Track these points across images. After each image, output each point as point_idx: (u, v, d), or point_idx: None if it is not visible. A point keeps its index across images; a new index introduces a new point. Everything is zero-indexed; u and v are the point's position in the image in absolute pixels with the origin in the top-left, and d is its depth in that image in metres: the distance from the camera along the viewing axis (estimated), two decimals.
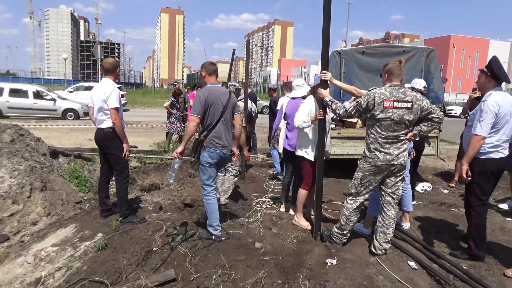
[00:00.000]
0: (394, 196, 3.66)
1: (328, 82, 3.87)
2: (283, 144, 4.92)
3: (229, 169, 4.98)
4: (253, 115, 7.82)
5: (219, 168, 4.01)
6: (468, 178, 3.62)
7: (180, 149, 3.75)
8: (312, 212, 4.48)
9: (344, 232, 3.80)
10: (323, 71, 3.80)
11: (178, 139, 9.90)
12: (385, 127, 3.44)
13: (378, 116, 3.43)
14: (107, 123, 4.14)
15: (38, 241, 3.95)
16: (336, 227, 3.87)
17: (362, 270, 3.37)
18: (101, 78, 4.38)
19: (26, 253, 3.70)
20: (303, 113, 4.12)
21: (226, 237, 3.88)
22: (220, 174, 5.18)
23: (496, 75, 3.55)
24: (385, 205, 3.69)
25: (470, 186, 3.73)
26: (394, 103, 3.39)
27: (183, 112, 10.06)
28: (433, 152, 6.95)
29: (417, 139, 3.78)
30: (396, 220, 4.01)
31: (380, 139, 3.48)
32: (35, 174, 4.85)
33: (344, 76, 6.92)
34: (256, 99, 9.07)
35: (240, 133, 4.15)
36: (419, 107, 3.45)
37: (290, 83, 7.79)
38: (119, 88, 4.41)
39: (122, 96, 17.12)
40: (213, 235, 3.82)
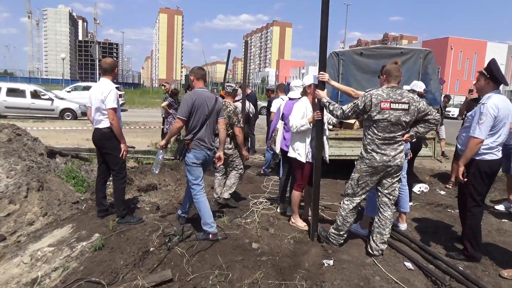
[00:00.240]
0: (391, 197, 3.67)
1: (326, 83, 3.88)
2: (280, 144, 4.92)
3: (235, 168, 5.07)
4: (251, 115, 7.84)
5: (204, 169, 4.10)
6: (464, 179, 3.64)
7: (163, 143, 3.99)
8: (309, 212, 4.49)
9: (341, 232, 3.81)
10: (321, 72, 3.81)
11: (176, 139, 9.87)
12: (382, 128, 3.46)
13: (375, 117, 3.44)
14: (104, 123, 4.15)
15: (34, 241, 3.94)
16: (333, 227, 3.87)
17: (359, 271, 3.38)
18: (99, 78, 4.38)
19: (22, 253, 3.69)
20: (298, 116, 4.11)
21: (223, 237, 3.89)
22: (218, 174, 5.20)
23: (496, 77, 3.55)
24: (381, 206, 3.70)
25: (465, 188, 3.74)
26: (391, 104, 3.40)
27: None
28: (430, 153, 6.97)
29: (413, 140, 3.79)
30: (393, 221, 4.02)
31: (377, 140, 3.49)
32: (32, 174, 4.84)
33: (342, 77, 6.93)
34: (256, 100, 9.05)
35: (224, 137, 4.27)
36: (416, 109, 3.47)
37: (283, 85, 7.87)
38: (117, 88, 4.42)
39: (120, 96, 17.08)
40: (209, 234, 3.82)
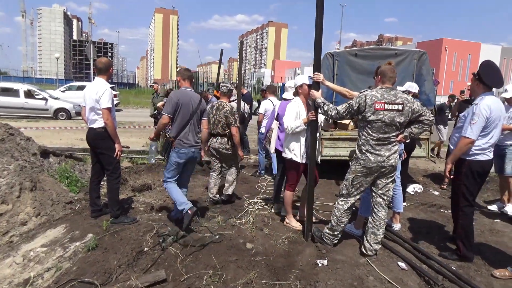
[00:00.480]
0: (385, 197, 3.69)
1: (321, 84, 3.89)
2: (275, 144, 4.92)
3: (232, 166, 5.28)
4: (246, 116, 7.84)
5: (189, 167, 4.33)
6: (451, 177, 3.67)
7: (152, 135, 4.30)
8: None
9: (335, 233, 3.82)
10: (315, 73, 3.81)
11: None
12: (376, 129, 3.47)
13: (369, 118, 3.45)
14: (99, 123, 4.13)
15: (27, 241, 3.91)
16: (327, 228, 3.88)
17: (353, 271, 3.38)
18: (93, 77, 4.37)
19: (15, 253, 3.66)
20: (291, 117, 4.11)
21: (217, 240, 3.87)
22: (214, 173, 5.21)
23: (483, 80, 3.57)
24: (375, 206, 3.71)
25: (457, 187, 3.77)
26: (385, 105, 3.41)
27: None
28: (424, 154, 7.01)
29: (407, 141, 3.81)
30: (387, 221, 4.04)
31: (371, 140, 3.51)
32: (25, 174, 4.80)
33: (336, 78, 6.96)
34: (251, 101, 9.04)
35: (205, 137, 4.47)
36: (410, 109, 3.48)
37: (273, 86, 7.96)
38: (111, 88, 4.41)
39: (115, 96, 16.99)
40: (188, 211, 3.91)
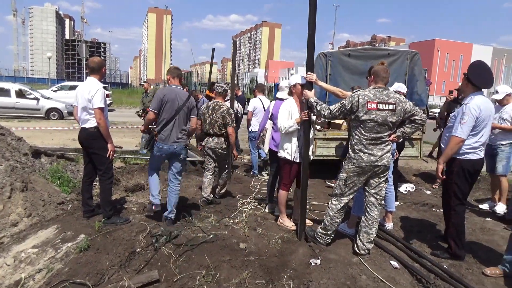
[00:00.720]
0: (378, 197, 3.71)
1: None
2: (269, 144, 4.92)
3: (221, 169, 5.36)
4: (239, 116, 7.85)
5: (175, 163, 4.38)
6: (443, 177, 3.70)
7: (142, 128, 4.39)
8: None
9: (329, 232, 3.83)
10: (308, 73, 3.82)
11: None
12: (369, 128, 3.49)
13: (362, 118, 3.47)
14: (91, 123, 4.10)
15: (18, 242, 3.87)
16: (321, 227, 3.89)
17: (346, 270, 3.40)
18: (86, 77, 4.33)
19: (5, 254, 3.62)
20: (284, 117, 4.12)
21: (211, 240, 3.86)
22: (208, 173, 5.23)
23: (471, 81, 3.63)
24: (368, 205, 3.73)
25: (449, 186, 3.81)
26: (378, 105, 3.43)
27: None
28: (416, 153, 7.07)
29: (400, 140, 3.83)
30: (379, 220, 4.06)
31: (364, 140, 3.52)
32: (16, 174, 4.75)
33: (330, 78, 6.99)
34: (245, 102, 9.08)
35: (192, 133, 4.61)
36: (402, 109, 3.51)
37: (262, 85, 8.16)
38: (104, 88, 4.39)
39: (107, 96, 16.88)
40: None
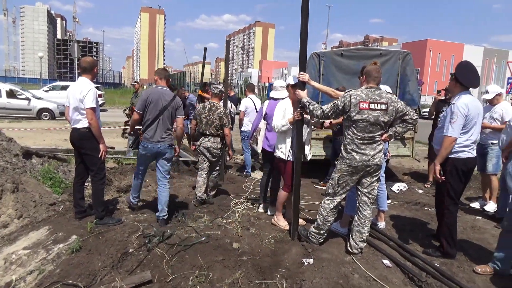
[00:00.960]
0: (370, 196, 3.73)
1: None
2: (263, 144, 4.92)
3: (213, 170, 5.39)
4: (232, 116, 7.85)
5: (161, 162, 4.40)
6: (442, 178, 3.73)
7: (129, 130, 4.53)
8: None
9: (321, 231, 3.84)
10: (301, 73, 3.84)
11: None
12: (361, 128, 3.51)
13: (354, 118, 3.48)
14: (83, 123, 4.08)
15: (9, 244, 3.83)
16: (314, 226, 3.90)
17: (338, 269, 3.41)
18: (78, 77, 4.30)
19: None
20: (278, 116, 4.14)
21: (204, 240, 3.85)
22: (202, 172, 5.32)
23: (459, 80, 3.69)
24: (361, 204, 3.75)
25: (442, 186, 3.83)
26: (370, 104, 3.45)
27: None
28: (408, 153, 7.12)
29: (392, 140, 3.86)
30: (372, 219, 4.09)
31: (356, 140, 3.54)
32: (7, 175, 4.70)
33: (322, 78, 7.01)
34: (237, 102, 9.11)
35: (180, 135, 4.53)
36: (394, 109, 3.53)
37: (252, 85, 8.28)
38: (97, 88, 4.38)
39: (100, 96, 16.78)
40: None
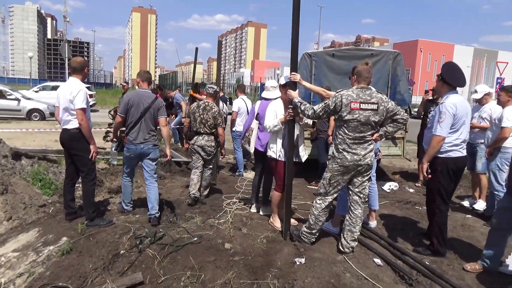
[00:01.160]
0: (361, 195, 3.75)
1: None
2: (255, 144, 4.93)
3: (206, 169, 5.41)
4: (225, 116, 7.86)
5: (147, 163, 4.45)
6: (428, 176, 3.77)
7: (112, 137, 4.52)
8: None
9: (313, 231, 3.86)
10: (292, 73, 3.85)
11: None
12: (352, 128, 3.53)
13: (346, 118, 3.50)
14: (73, 124, 4.04)
15: None
16: (305, 226, 3.92)
17: (330, 268, 3.43)
18: (69, 77, 4.27)
19: None
20: (271, 116, 4.15)
21: (196, 241, 3.84)
22: (197, 170, 5.37)
23: (446, 80, 3.75)
24: (352, 204, 3.77)
25: (433, 185, 3.87)
26: (361, 104, 3.48)
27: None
28: (399, 152, 7.18)
29: (383, 139, 3.89)
30: (363, 218, 4.11)
31: (347, 140, 3.56)
32: None
33: (314, 78, 7.03)
34: (226, 102, 9.16)
35: (166, 134, 4.52)
36: (384, 109, 3.56)
37: (243, 86, 8.35)
38: (87, 88, 4.36)
39: (90, 96, 16.64)
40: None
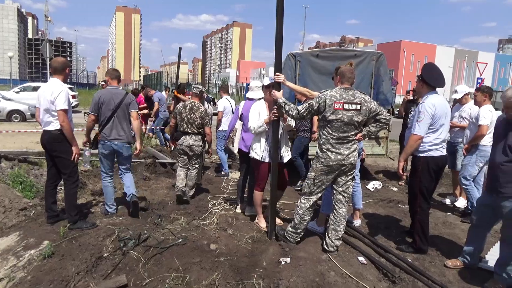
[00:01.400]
0: (345, 195, 3.79)
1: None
2: (239, 145, 4.93)
3: (192, 169, 5.45)
4: (210, 116, 7.84)
5: (121, 160, 4.54)
6: (404, 174, 3.86)
7: (85, 139, 4.55)
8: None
9: (298, 230, 3.88)
10: (276, 73, 3.86)
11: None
12: (336, 128, 3.56)
13: (329, 118, 3.54)
14: (54, 125, 3.98)
15: None
16: (291, 226, 3.94)
17: (315, 267, 3.45)
18: (50, 78, 4.20)
19: None
20: (254, 117, 4.16)
21: (181, 242, 3.81)
22: (183, 168, 5.43)
23: (426, 81, 3.83)
24: (336, 203, 3.81)
25: (414, 184, 3.94)
26: (344, 105, 3.51)
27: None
28: (383, 152, 7.27)
29: (366, 139, 3.94)
30: (348, 217, 4.16)
31: (331, 139, 3.60)
32: None
33: (299, 78, 7.07)
34: (210, 102, 9.21)
35: (136, 127, 4.54)
36: (367, 109, 3.61)
37: (226, 86, 8.47)
38: (70, 89, 4.30)
39: (73, 97, 16.39)
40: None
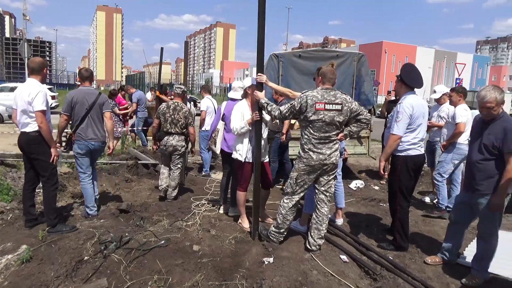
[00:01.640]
0: (327, 194, 3.83)
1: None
2: (221, 145, 4.92)
3: (174, 169, 5.45)
4: (193, 116, 7.81)
5: (94, 157, 4.62)
6: (385, 174, 3.93)
7: (57, 140, 4.46)
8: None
9: (281, 230, 3.90)
10: (259, 74, 3.87)
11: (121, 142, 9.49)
12: (318, 128, 3.59)
13: (311, 118, 3.57)
14: (32, 127, 3.89)
15: None
16: (274, 226, 3.95)
17: (298, 266, 3.48)
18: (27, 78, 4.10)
19: None
20: (237, 118, 4.16)
21: (163, 244, 3.78)
22: (166, 167, 5.48)
23: (404, 81, 3.91)
24: (318, 202, 3.85)
25: (394, 183, 4.01)
26: (325, 105, 3.55)
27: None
28: (365, 151, 7.38)
29: (347, 139, 3.99)
30: (330, 216, 4.20)
31: (313, 139, 3.63)
32: None
33: (282, 79, 7.10)
34: (191, 102, 9.21)
35: (110, 127, 4.56)
36: (348, 109, 3.65)
37: (207, 86, 8.62)
38: (49, 89, 4.22)
39: (53, 98, 16.05)
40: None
